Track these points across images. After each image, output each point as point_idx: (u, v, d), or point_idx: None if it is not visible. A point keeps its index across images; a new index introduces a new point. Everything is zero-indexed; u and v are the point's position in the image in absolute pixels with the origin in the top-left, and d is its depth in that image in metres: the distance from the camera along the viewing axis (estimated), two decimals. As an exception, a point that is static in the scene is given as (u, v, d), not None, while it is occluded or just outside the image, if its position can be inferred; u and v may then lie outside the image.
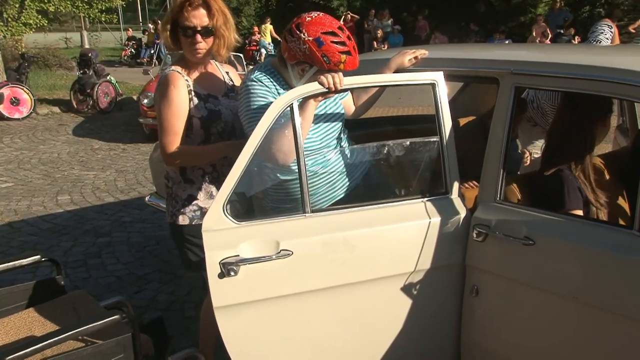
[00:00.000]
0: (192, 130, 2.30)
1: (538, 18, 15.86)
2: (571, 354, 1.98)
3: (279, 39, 19.45)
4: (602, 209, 2.23)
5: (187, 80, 2.29)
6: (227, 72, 2.51)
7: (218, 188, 2.30)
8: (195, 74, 2.35)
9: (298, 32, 2.06)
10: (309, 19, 2.08)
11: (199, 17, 2.20)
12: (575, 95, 2.20)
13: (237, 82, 2.52)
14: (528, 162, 3.49)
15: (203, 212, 2.35)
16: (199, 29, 2.20)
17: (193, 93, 2.29)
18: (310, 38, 2.04)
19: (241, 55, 10.33)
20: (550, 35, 13.35)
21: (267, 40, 18.85)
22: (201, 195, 2.38)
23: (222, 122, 2.33)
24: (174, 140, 2.25)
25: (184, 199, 2.38)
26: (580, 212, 2.17)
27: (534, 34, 14.95)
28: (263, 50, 18.76)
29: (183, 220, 2.38)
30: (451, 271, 2.18)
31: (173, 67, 2.32)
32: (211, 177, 2.38)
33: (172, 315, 3.43)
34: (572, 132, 2.25)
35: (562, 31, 13.32)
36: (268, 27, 18.93)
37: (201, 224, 2.30)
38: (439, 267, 2.14)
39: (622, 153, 2.73)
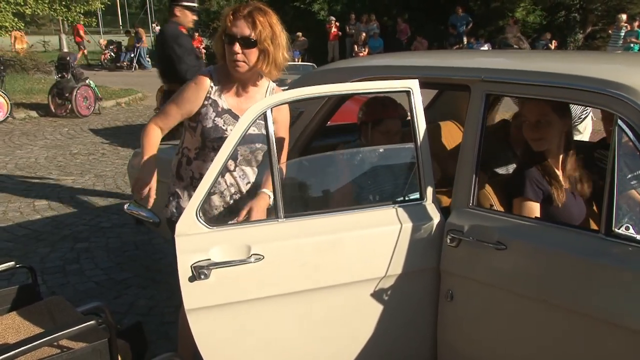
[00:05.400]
0: (195, 131, 2.34)
1: (511, 21, 16.40)
2: (545, 358, 2.01)
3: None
4: (562, 198, 2.26)
5: (212, 87, 2.31)
6: (273, 90, 2.43)
7: None
8: (229, 87, 2.34)
9: None
10: None
11: (241, 27, 2.20)
12: None
13: None
14: None
15: (180, 212, 2.35)
16: (238, 37, 2.20)
17: (210, 100, 2.30)
18: None
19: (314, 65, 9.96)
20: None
21: None
22: (184, 195, 2.42)
23: (222, 140, 2.26)
24: (159, 117, 2.35)
25: (172, 193, 2.47)
26: (535, 205, 2.23)
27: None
28: None
29: (166, 213, 2.47)
30: (426, 276, 2.21)
31: (210, 69, 2.35)
32: (197, 182, 2.32)
33: (151, 320, 3.42)
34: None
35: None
36: None
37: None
38: (414, 272, 2.16)
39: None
